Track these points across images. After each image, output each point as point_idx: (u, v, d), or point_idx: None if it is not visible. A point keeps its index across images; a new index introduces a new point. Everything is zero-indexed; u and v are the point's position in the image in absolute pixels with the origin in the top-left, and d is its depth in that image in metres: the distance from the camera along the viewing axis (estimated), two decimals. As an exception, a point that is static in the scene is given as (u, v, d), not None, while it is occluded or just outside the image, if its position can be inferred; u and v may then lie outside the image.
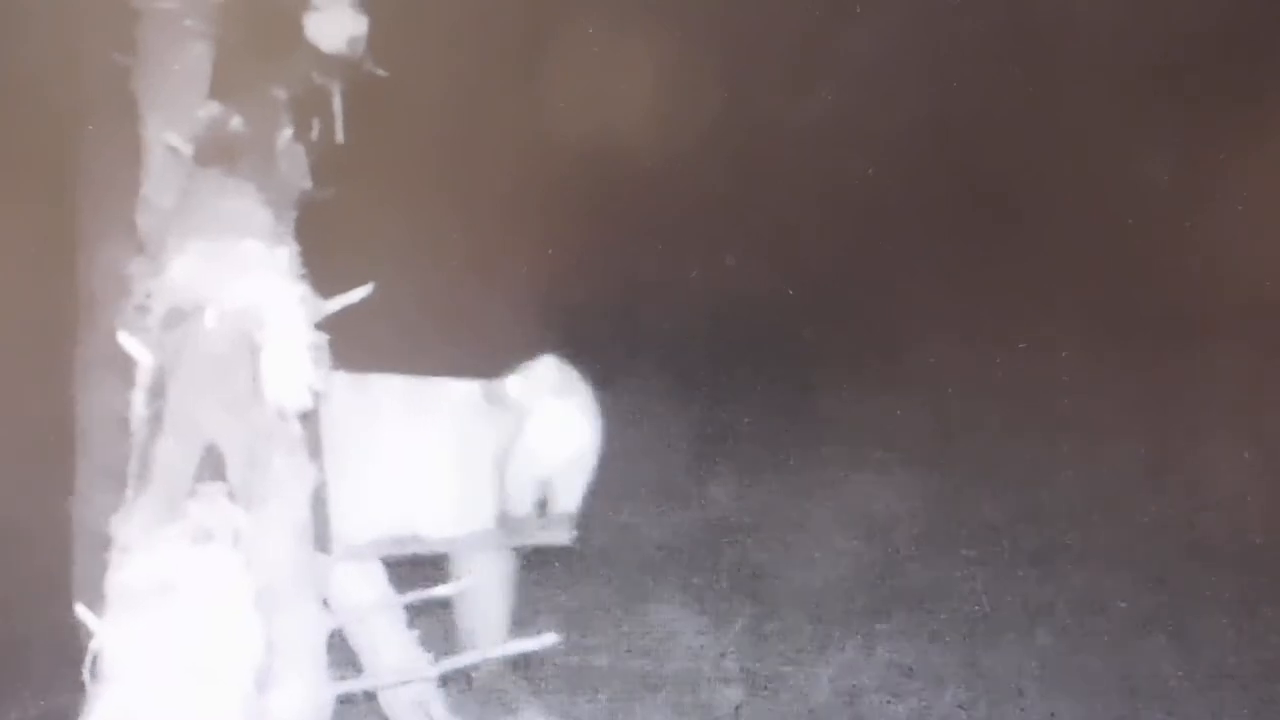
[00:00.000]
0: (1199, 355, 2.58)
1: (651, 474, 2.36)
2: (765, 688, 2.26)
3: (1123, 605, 2.38)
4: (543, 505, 2.19)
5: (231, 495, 1.90)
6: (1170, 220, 2.68)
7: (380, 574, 2.16)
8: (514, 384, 2.11)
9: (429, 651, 2.11)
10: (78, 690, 1.78)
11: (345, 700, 2.00)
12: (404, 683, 2.08)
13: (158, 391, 2.03)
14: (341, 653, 2.03)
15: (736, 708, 2.23)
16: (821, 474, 2.41)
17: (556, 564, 2.27)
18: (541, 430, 2.17)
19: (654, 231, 2.54)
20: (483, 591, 2.13)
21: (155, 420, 1.99)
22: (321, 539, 2.06)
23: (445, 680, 2.09)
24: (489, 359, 2.28)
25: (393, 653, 2.14)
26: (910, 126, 2.76)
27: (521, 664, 2.17)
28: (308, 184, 2.29)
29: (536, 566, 2.25)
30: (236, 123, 2.29)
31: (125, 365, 2.08)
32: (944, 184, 2.69)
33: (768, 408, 2.45)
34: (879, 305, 2.52)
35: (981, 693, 2.28)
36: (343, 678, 2.01)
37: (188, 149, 2.25)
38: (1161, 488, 2.48)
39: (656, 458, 2.39)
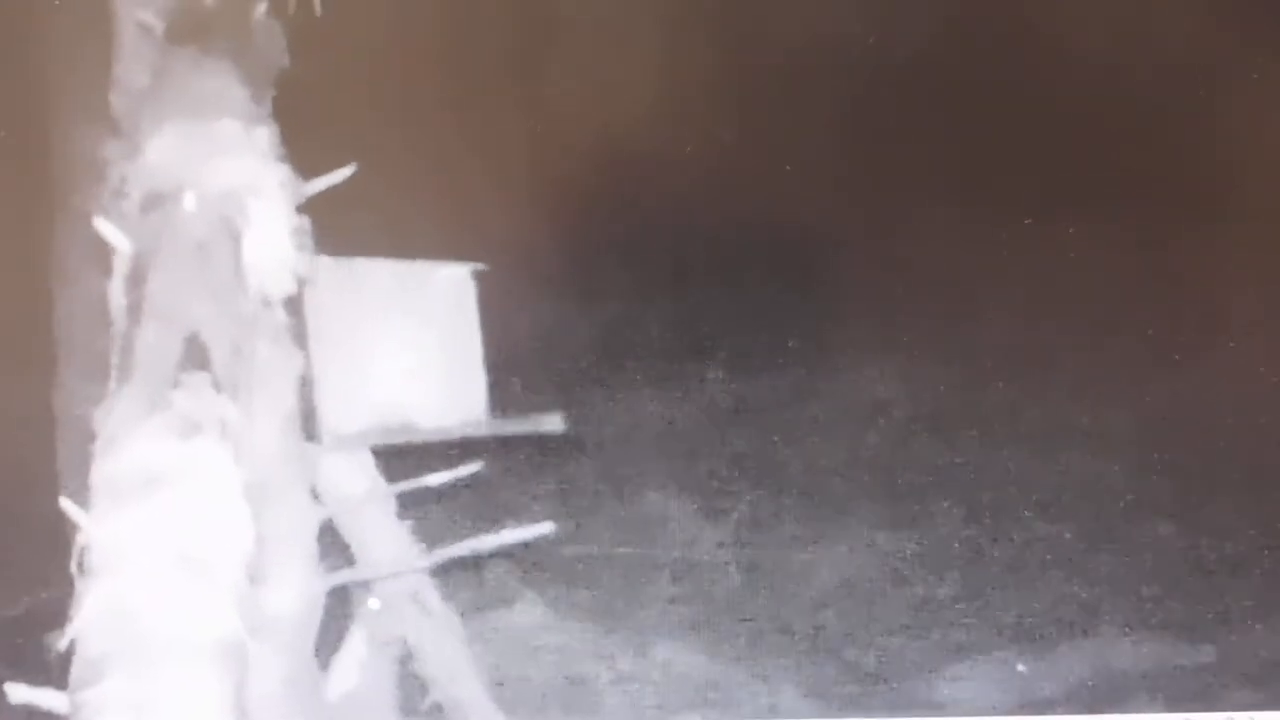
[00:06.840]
0: (1213, 233, 2.51)
1: (648, 357, 2.32)
2: (763, 575, 2.25)
3: (1130, 495, 2.36)
4: None
5: (217, 385, 1.87)
6: (1186, 90, 2.60)
7: (370, 463, 2.14)
8: None
9: (421, 542, 2.09)
10: (66, 585, 1.76)
11: (338, 592, 1.99)
12: (397, 574, 2.07)
13: (137, 279, 1.99)
14: (333, 544, 2.01)
15: (734, 594, 2.22)
16: (822, 357, 2.36)
17: (550, 451, 2.24)
18: None
19: (647, 104, 2.46)
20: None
21: (135, 309, 1.96)
22: (310, 429, 2.04)
23: (438, 571, 2.08)
24: (479, 242, 2.23)
25: (385, 544, 2.13)
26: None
27: (516, 554, 2.16)
28: (286, 61, 2.22)
29: (529, 454, 2.21)
30: (209, -3, 2.22)
31: (103, 253, 2.04)
32: (948, 53, 2.60)
33: (767, 290, 2.40)
34: (880, 181, 2.45)
35: (984, 581, 2.27)
36: (335, 569, 2.00)
37: (160, 26, 2.19)
38: (1172, 369, 2.44)
39: (653, 341, 2.34)
